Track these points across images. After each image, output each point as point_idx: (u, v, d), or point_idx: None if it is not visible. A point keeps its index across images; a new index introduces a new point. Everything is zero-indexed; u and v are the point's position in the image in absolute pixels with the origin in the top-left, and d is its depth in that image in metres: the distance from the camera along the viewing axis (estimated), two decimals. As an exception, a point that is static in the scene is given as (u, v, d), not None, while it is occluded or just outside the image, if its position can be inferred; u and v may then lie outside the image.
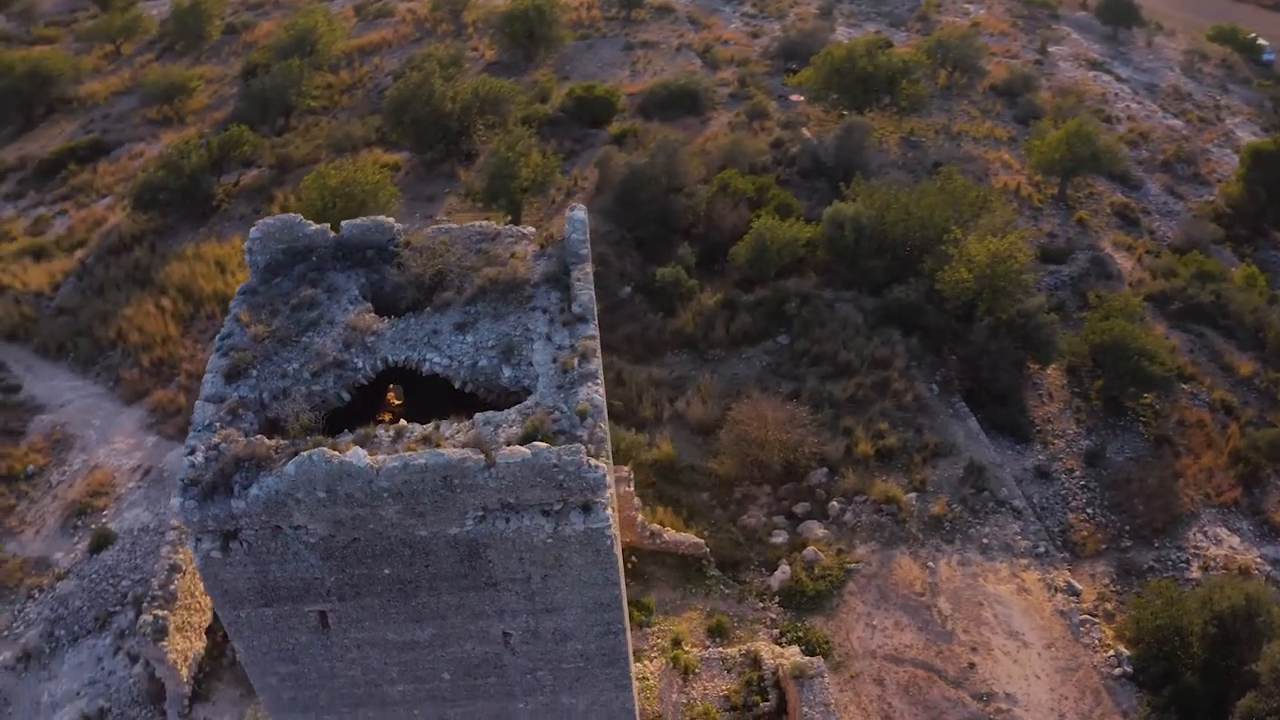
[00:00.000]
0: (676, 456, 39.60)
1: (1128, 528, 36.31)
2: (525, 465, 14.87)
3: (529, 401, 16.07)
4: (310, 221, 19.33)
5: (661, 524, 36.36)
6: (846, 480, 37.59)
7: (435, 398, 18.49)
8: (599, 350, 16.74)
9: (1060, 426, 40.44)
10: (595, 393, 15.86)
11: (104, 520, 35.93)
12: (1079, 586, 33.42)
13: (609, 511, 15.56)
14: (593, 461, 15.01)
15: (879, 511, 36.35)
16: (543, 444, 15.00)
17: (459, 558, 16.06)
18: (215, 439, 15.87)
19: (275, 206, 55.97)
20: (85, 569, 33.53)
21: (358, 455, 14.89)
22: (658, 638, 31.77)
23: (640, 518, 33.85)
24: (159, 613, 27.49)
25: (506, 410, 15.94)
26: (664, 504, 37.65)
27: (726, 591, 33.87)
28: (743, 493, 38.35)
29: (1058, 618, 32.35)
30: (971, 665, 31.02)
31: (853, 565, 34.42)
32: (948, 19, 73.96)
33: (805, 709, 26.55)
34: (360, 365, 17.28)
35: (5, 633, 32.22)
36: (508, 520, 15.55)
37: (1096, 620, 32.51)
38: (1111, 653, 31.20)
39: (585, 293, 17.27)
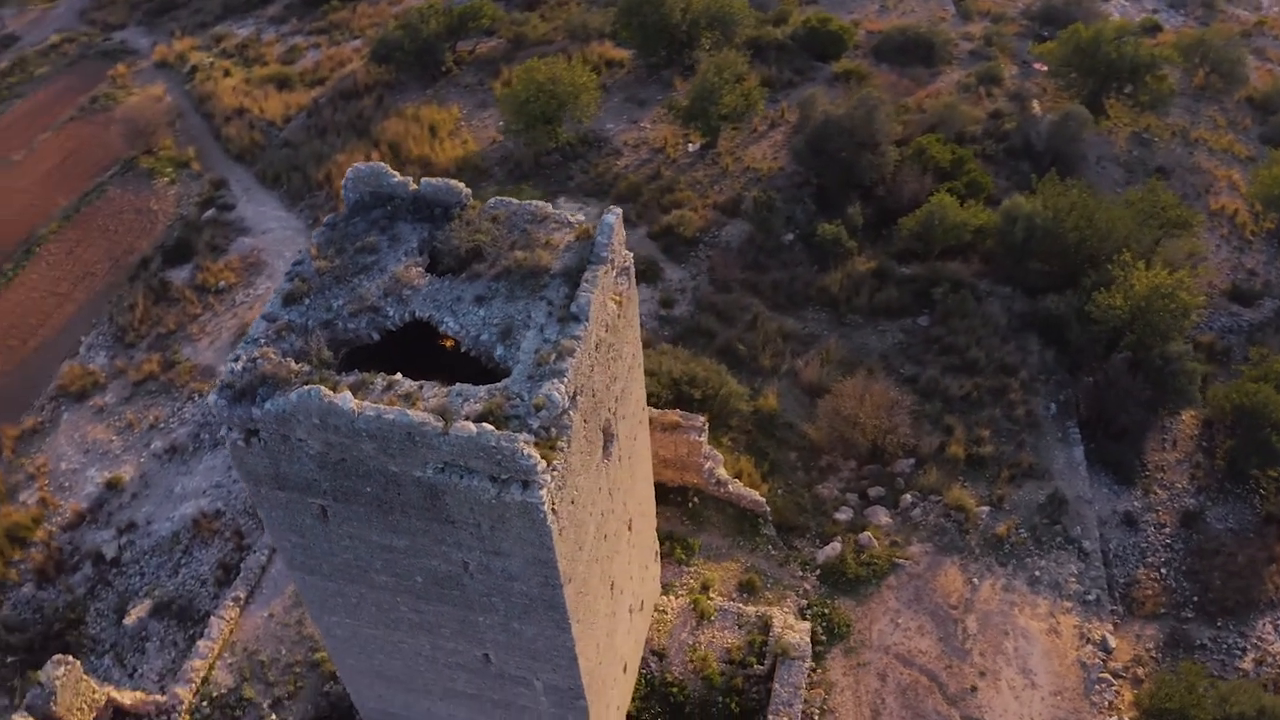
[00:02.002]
0: (779, 411, 41.23)
1: (1196, 598, 35.58)
2: (470, 440, 17.48)
3: (501, 383, 18.54)
4: (395, 173, 22.06)
5: (742, 472, 38.45)
6: (928, 477, 38.32)
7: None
8: (579, 349, 18.86)
9: (1170, 478, 39.37)
10: (555, 390, 18.10)
11: (266, 346, 41.37)
12: (1113, 644, 33.40)
13: (544, 492, 17.99)
14: (528, 450, 17.42)
15: (946, 515, 37.08)
16: (490, 426, 17.52)
17: (423, 494, 18.99)
18: (256, 353, 19.28)
19: (498, 83, 59.53)
20: (238, 386, 38.96)
21: (345, 399, 17.89)
22: (691, 578, 34.30)
23: (708, 465, 35.99)
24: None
25: (480, 386, 18.50)
26: (752, 454, 39.61)
27: (773, 552, 35.79)
28: (828, 462, 39.75)
29: (1076, 668, 32.67)
30: (974, 689, 32.03)
31: (900, 560, 35.58)
32: (1234, 10, 68.01)
33: (777, 684, 28.73)
34: (391, 314, 20.16)
35: (163, 425, 38.31)
36: (461, 476, 18.28)
37: (1118, 681, 32.61)
38: (1115, 718, 31.47)
39: (586, 295, 19.33)
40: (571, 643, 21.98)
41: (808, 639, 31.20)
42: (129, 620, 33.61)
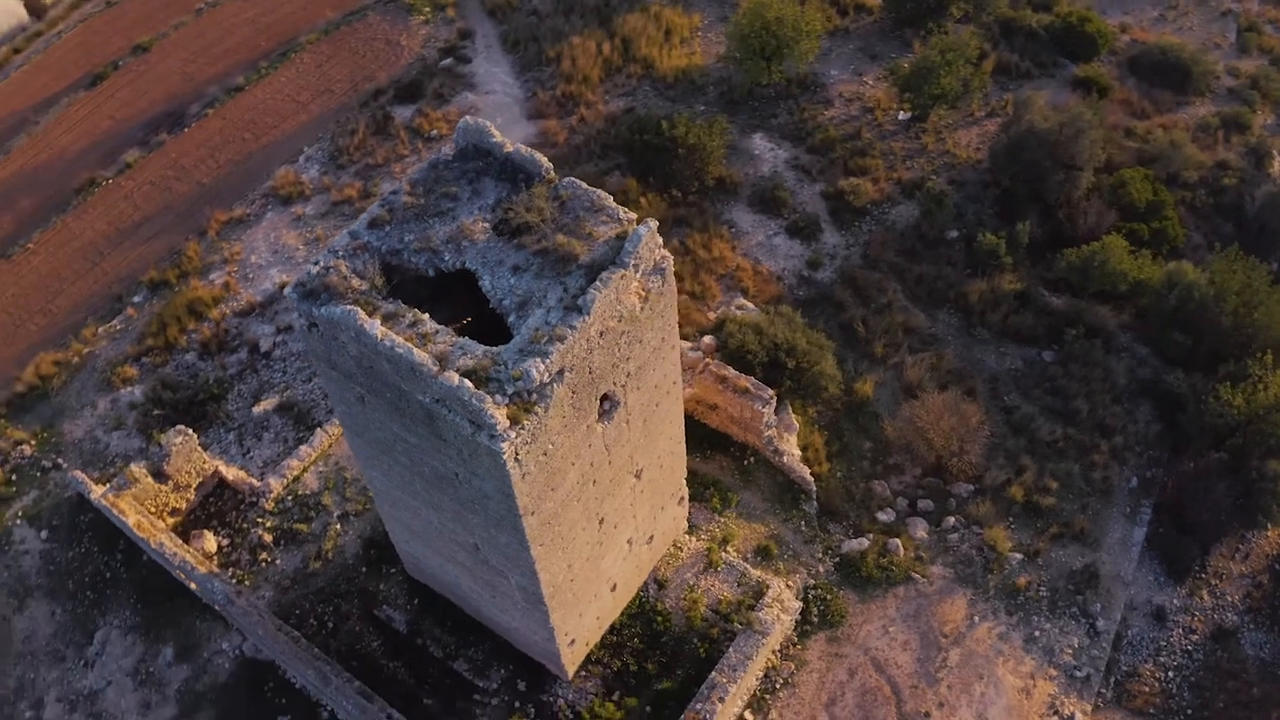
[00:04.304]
0: (870, 400, 43.02)
1: (1190, 711, 35.99)
2: (449, 389, 21.27)
3: (496, 348, 22.10)
4: (495, 133, 25.41)
5: (811, 446, 40.94)
6: (979, 508, 39.66)
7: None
8: (571, 337, 22.09)
9: (1225, 588, 39.14)
10: (534, 368, 21.52)
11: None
12: (1078, 722, 34.76)
13: (506, 444, 21.68)
14: (492, 411, 21.06)
15: (979, 549, 38.54)
16: (469, 383, 21.23)
17: (423, 414, 23.06)
18: (332, 263, 23.56)
19: (745, 1, 60.77)
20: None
21: (373, 325, 21.97)
22: (717, 527, 37.52)
23: (769, 434, 38.65)
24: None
25: (480, 345, 22.15)
26: (829, 431, 41.83)
27: (804, 528, 38.44)
28: (896, 461, 41.57)
29: (1032, 731, 34.36)
30: (927, 715, 34.25)
31: (916, 575, 37.61)
32: None
33: (732, 650, 32.03)
34: (447, 260, 23.87)
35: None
36: (449, 411, 22.20)
37: (1067, 755, 34.12)
38: (1044, 786, 33.19)
39: (593, 293, 22.39)
40: (531, 560, 25.98)
41: (787, 619, 34.17)
42: (258, 409, 40.13)
